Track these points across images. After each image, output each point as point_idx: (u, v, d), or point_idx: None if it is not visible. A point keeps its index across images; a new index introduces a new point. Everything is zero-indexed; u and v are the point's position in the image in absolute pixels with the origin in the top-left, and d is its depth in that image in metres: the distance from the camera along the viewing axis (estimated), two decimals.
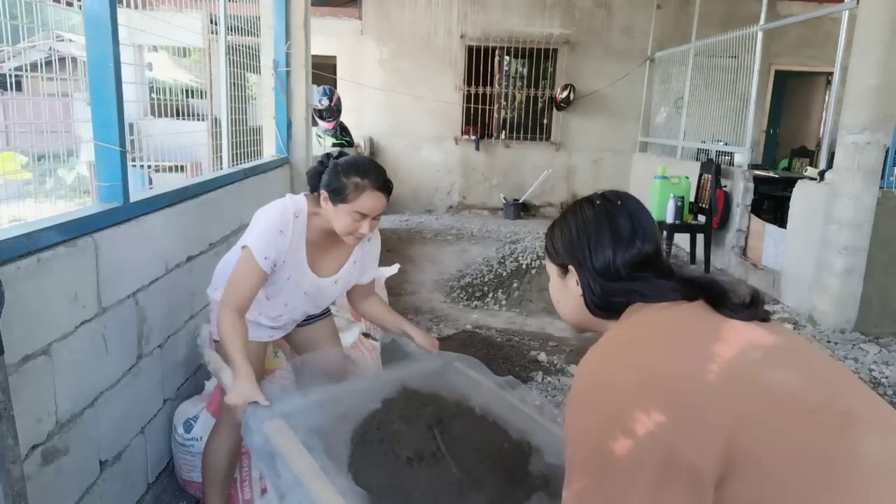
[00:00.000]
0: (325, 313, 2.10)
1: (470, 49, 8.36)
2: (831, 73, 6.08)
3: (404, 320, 1.97)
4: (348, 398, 1.62)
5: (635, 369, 0.83)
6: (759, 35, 5.57)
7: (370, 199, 1.64)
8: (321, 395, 1.59)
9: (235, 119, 3.31)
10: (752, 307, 0.91)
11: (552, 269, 1.09)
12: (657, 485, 0.75)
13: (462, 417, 1.56)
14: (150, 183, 3.07)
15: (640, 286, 0.96)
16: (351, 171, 1.65)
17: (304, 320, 2.03)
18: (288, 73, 3.92)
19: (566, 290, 1.06)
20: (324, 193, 1.68)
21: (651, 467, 0.76)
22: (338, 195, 1.65)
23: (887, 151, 3.98)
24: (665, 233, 5.57)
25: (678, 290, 0.95)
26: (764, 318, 0.92)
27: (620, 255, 0.98)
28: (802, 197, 4.60)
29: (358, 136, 7.64)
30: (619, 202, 1.04)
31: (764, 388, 0.79)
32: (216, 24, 3.19)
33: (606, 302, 0.99)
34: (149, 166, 3.20)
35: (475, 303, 4.45)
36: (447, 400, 1.63)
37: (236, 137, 3.32)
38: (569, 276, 1.04)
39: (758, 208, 5.88)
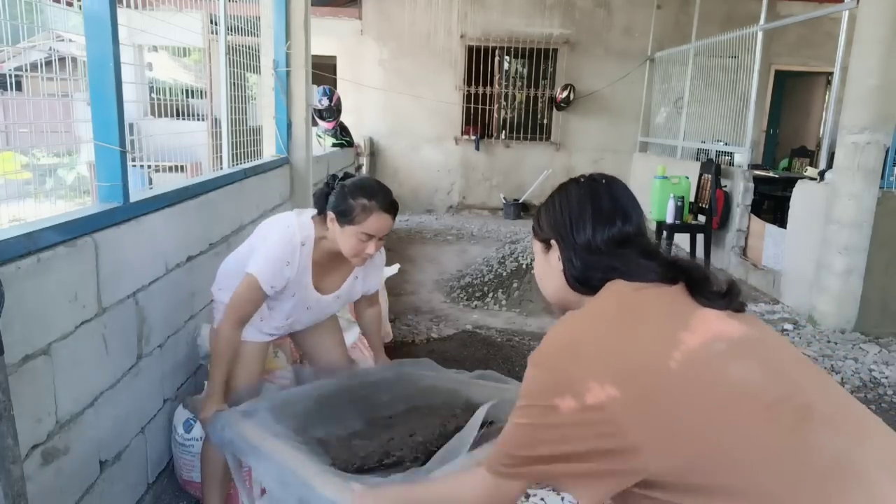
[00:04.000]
0: None
1: (470, 49, 8.36)
2: (831, 73, 6.08)
3: (380, 350, 2.12)
4: (302, 401, 1.76)
5: (602, 343, 0.87)
6: (759, 35, 5.57)
7: (377, 221, 1.66)
8: (276, 398, 1.73)
9: (235, 119, 3.30)
10: (728, 297, 0.92)
11: (537, 246, 1.11)
12: (587, 452, 0.81)
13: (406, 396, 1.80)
14: (150, 183, 3.07)
15: (618, 263, 0.98)
16: (358, 193, 1.66)
17: None
18: (288, 73, 3.91)
19: (548, 266, 1.08)
20: (330, 215, 1.70)
21: (587, 434, 0.81)
22: (345, 217, 1.66)
23: (887, 151, 3.98)
24: (665, 233, 5.57)
25: (658, 271, 0.96)
26: (738, 308, 0.93)
27: (600, 231, 1.00)
28: (802, 197, 4.60)
29: (358, 136, 7.64)
30: (603, 182, 1.07)
31: (722, 380, 0.81)
32: (216, 24, 3.19)
33: (585, 276, 1.01)
34: (149, 166, 3.20)
35: (475, 303, 4.46)
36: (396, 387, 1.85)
37: (236, 137, 3.32)
38: (551, 252, 1.06)
39: (758, 208, 5.88)
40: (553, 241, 1.05)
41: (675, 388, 0.80)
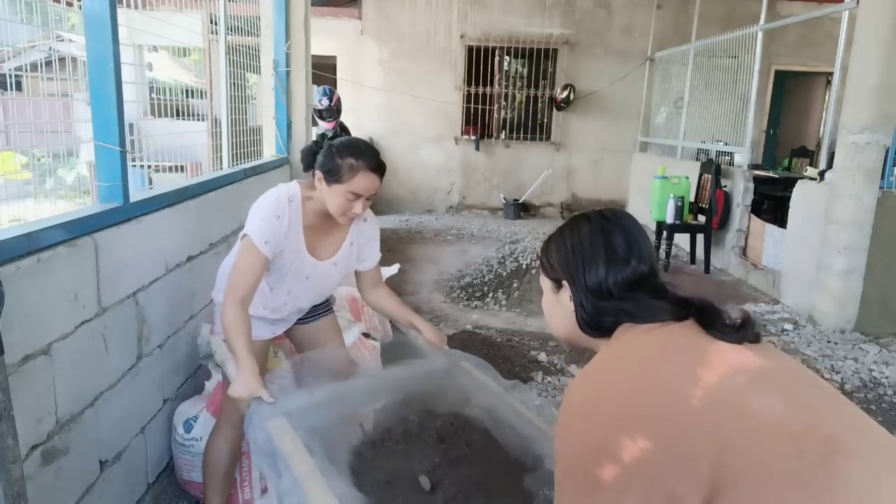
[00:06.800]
0: (328, 310, 2.10)
1: (470, 49, 8.36)
2: (831, 73, 6.08)
3: (414, 313, 1.96)
4: (352, 397, 1.63)
5: (621, 395, 0.84)
6: (759, 35, 5.57)
7: (364, 180, 1.67)
8: (325, 393, 1.59)
9: (235, 119, 3.30)
10: (742, 330, 0.91)
11: (546, 283, 1.09)
12: None
13: (465, 430, 1.57)
14: (150, 183, 3.08)
15: (630, 306, 0.96)
16: (346, 152, 1.67)
17: (306, 316, 2.03)
18: (288, 73, 3.92)
19: (559, 306, 1.06)
20: (318, 174, 1.71)
21: (635, 493, 0.78)
22: (332, 175, 1.67)
23: (887, 151, 3.98)
24: (665, 233, 5.57)
25: (669, 310, 0.94)
26: (753, 339, 0.91)
27: (613, 274, 0.98)
28: (802, 197, 4.60)
29: (358, 136, 7.63)
30: (615, 220, 1.04)
31: (746, 414, 0.80)
32: (216, 24, 3.19)
33: (597, 321, 0.99)
34: (149, 166, 3.21)
35: (475, 303, 4.45)
36: (451, 408, 1.64)
37: (236, 137, 3.32)
38: (562, 292, 1.05)
39: (758, 208, 5.88)
40: (564, 282, 1.03)
41: (699, 426, 0.78)
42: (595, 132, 8.50)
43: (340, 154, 1.67)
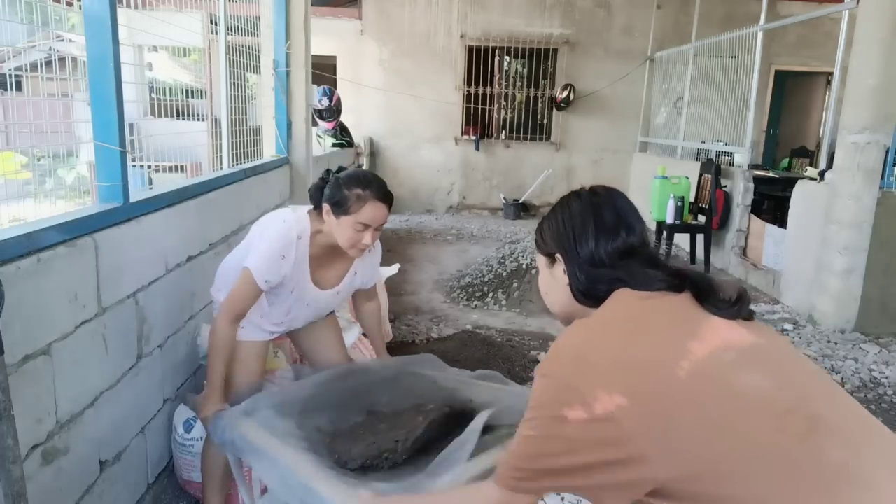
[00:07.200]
0: None
1: (470, 49, 8.36)
2: (831, 73, 6.08)
3: (382, 346, 2.11)
4: (303, 391, 1.78)
5: (610, 351, 0.86)
6: (759, 35, 5.57)
7: (372, 210, 1.67)
8: (277, 395, 1.74)
9: (235, 119, 3.30)
10: (737, 305, 0.92)
11: (541, 260, 1.11)
12: (597, 462, 0.80)
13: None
14: (150, 183, 3.08)
15: (623, 274, 0.98)
16: (352, 183, 1.67)
17: None
18: (288, 73, 3.91)
19: (553, 280, 1.08)
20: (326, 207, 1.70)
21: (596, 444, 0.80)
22: (340, 207, 1.67)
23: (887, 151, 3.98)
24: (665, 233, 5.57)
25: (664, 280, 0.95)
26: (747, 316, 0.92)
27: (604, 244, 1.00)
28: (802, 197, 4.60)
29: (358, 136, 7.64)
30: (605, 195, 1.07)
31: (731, 390, 0.81)
32: (216, 24, 3.19)
33: (591, 289, 1.00)
34: (149, 166, 3.20)
35: (475, 303, 4.45)
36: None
37: (236, 137, 3.32)
38: (556, 266, 1.06)
39: (758, 208, 5.88)
40: (557, 256, 1.05)
41: (683, 397, 0.79)
42: (595, 132, 8.50)
43: (347, 185, 1.67)
